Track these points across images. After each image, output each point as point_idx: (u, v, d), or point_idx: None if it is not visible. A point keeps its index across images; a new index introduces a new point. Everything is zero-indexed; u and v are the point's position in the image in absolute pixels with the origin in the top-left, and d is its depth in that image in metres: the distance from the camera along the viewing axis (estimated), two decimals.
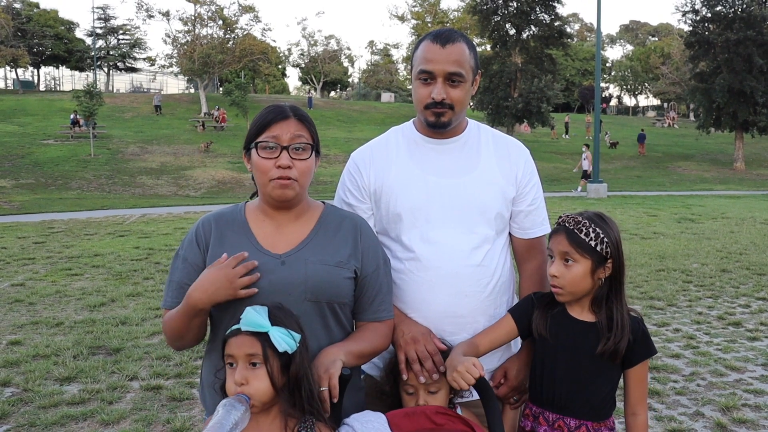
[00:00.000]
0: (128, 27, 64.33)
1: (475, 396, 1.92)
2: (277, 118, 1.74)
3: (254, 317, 1.54)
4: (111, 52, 64.66)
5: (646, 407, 1.94)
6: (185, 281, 1.77)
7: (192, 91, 61.25)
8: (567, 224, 1.85)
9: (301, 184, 1.76)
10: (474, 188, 2.00)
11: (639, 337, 1.86)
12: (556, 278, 1.84)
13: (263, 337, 1.52)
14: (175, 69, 51.13)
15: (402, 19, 70.08)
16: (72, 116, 34.19)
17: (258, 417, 1.54)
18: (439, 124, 1.96)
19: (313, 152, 1.78)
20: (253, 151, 1.75)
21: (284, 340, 1.52)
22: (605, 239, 1.83)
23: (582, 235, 1.81)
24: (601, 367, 1.85)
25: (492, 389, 1.77)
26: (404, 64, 74.68)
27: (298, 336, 1.56)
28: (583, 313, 1.89)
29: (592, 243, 1.81)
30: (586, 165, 23.74)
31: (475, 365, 1.70)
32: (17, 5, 56.22)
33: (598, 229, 1.83)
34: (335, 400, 1.60)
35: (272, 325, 1.54)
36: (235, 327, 1.56)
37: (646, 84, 72.90)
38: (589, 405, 1.85)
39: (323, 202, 1.93)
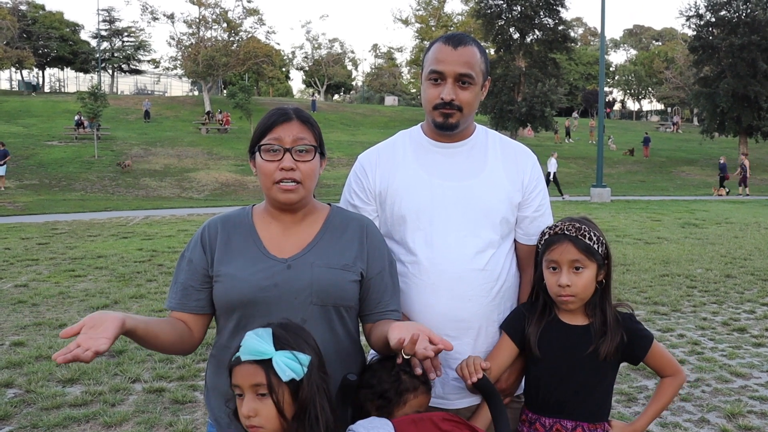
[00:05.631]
0: (133, 29, 64.57)
1: (466, 404, 1.92)
2: (280, 120, 1.74)
3: (254, 344, 1.41)
4: (115, 54, 64.87)
5: (681, 370, 1.96)
6: (189, 283, 1.78)
7: (196, 93, 61.35)
8: (568, 232, 1.83)
9: (305, 186, 1.75)
10: (479, 192, 1.98)
11: (632, 334, 1.87)
12: (569, 287, 1.81)
13: (267, 364, 1.40)
14: (179, 71, 51.33)
15: (406, 22, 70.31)
16: (76, 118, 34.28)
17: None
18: (446, 125, 1.95)
19: (317, 154, 1.77)
20: (257, 154, 1.76)
21: (289, 366, 1.40)
22: (603, 241, 1.86)
23: (587, 240, 1.82)
24: (598, 368, 1.86)
25: (494, 387, 1.77)
26: (408, 67, 74.78)
27: (306, 358, 1.43)
28: (574, 319, 1.90)
29: (595, 246, 1.83)
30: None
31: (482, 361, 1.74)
32: (23, 7, 56.47)
33: (596, 233, 1.85)
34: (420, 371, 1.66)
35: (277, 348, 1.41)
36: (237, 354, 1.44)
37: (650, 88, 72.77)
38: (585, 406, 1.87)
39: (329, 204, 1.93)
